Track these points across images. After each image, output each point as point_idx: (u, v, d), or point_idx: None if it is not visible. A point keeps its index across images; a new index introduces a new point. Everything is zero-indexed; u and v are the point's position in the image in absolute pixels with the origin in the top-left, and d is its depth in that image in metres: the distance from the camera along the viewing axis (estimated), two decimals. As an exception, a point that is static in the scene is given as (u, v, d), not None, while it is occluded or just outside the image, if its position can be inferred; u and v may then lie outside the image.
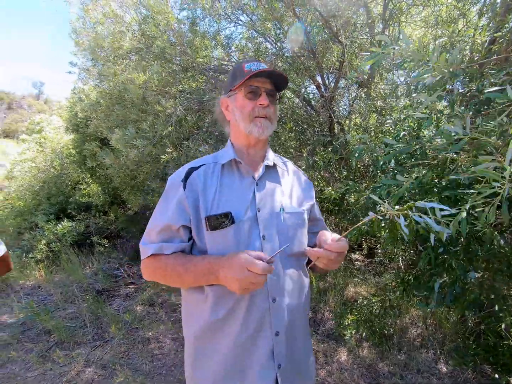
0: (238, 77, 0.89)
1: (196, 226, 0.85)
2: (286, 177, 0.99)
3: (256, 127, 0.88)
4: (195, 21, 2.98)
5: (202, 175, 0.89)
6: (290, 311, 0.86)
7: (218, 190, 0.87)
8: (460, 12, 2.73)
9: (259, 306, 0.82)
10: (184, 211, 0.85)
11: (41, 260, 4.22)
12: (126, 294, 3.50)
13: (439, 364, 2.06)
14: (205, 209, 0.84)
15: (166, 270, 0.84)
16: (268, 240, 0.85)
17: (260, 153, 0.96)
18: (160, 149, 2.74)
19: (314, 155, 2.97)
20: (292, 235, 0.89)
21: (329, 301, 2.87)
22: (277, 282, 0.85)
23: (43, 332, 2.72)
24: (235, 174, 0.91)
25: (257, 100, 0.88)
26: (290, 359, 0.86)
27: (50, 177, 5.67)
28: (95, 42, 2.85)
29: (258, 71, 0.85)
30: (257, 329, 0.82)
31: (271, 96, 0.90)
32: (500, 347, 1.69)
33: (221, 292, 0.82)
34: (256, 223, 0.85)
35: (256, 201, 0.87)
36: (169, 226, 0.85)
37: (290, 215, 0.91)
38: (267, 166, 0.94)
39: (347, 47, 2.99)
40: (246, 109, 0.88)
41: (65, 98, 5.83)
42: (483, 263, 1.70)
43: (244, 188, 0.89)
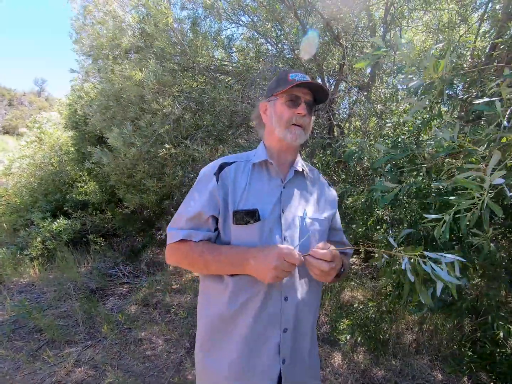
0: (282, 84, 0.93)
1: (224, 219, 0.90)
2: (312, 184, 1.03)
3: (290, 133, 0.93)
4: (196, 21, 2.98)
5: (234, 171, 0.93)
6: (300, 310, 0.90)
7: (247, 187, 0.91)
8: (462, 18, 2.73)
9: (272, 304, 0.87)
10: (215, 202, 0.90)
11: (35, 258, 4.18)
12: (120, 293, 3.47)
13: (434, 371, 2.04)
14: (233, 203, 0.89)
15: (193, 256, 0.87)
16: (289, 241, 0.89)
17: (290, 158, 1.00)
18: (158, 147, 2.73)
19: (313, 158, 2.96)
20: (312, 240, 0.93)
21: (325, 304, 2.85)
22: (291, 282, 0.89)
23: (34, 331, 2.69)
24: (264, 175, 0.96)
25: (296, 108, 0.92)
26: (295, 356, 0.90)
27: (48, 174, 5.64)
28: (95, 40, 2.85)
29: (301, 81, 0.90)
30: (268, 324, 0.87)
31: (309, 107, 0.95)
32: (497, 355, 1.67)
33: (240, 283, 0.86)
34: (279, 224, 0.90)
35: (282, 203, 0.92)
36: (200, 215, 0.89)
37: (312, 220, 0.95)
38: (296, 171, 0.99)
39: (347, 50, 2.99)
40: (284, 115, 0.93)
41: (65, 96, 5.81)
42: (480, 270, 1.68)
43: (271, 189, 0.93)
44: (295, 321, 0.89)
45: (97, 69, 3.14)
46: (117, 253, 4.61)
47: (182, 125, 2.72)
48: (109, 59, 2.70)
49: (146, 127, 2.48)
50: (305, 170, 1.02)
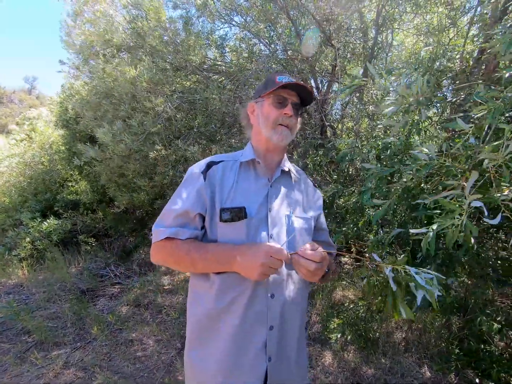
0: (269, 86, 0.95)
1: (210, 217, 0.90)
2: (298, 184, 1.05)
3: (276, 134, 0.94)
4: (189, 20, 2.96)
5: (221, 170, 0.94)
6: (286, 308, 0.91)
7: (234, 186, 0.92)
8: (451, 21, 2.78)
9: (258, 301, 0.87)
10: (202, 200, 0.90)
11: (24, 258, 4.10)
12: (111, 294, 3.43)
13: (423, 369, 2.07)
14: (220, 201, 0.90)
15: (179, 254, 0.87)
16: (275, 239, 0.90)
17: (277, 158, 1.02)
18: (149, 147, 2.71)
19: (305, 158, 2.98)
20: (298, 238, 0.94)
21: (316, 304, 2.86)
22: (277, 280, 0.89)
23: (22, 332, 2.64)
24: (251, 174, 0.97)
25: (283, 109, 0.94)
26: (281, 354, 0.90)
27: (38, 173, 5.54)
28: (86, 39, 2.81)
29: (287, 82, 0.91)
30: (255, 322, 0.87)
31: (295, 108, 0.96)
32: (481, 352, 1.71)
33: (227, 281, 0.87)
34: (266, 222, 0.90)
35: (268, 201, 0.93)
36: (187, 212, 0.89)
37: (298, 219, 0.97)
38: (283, 171, 1.00)
39: (340, 52, 3.01)
40: (271, 116, 0.95)
41: (56, 94, 5.73)
42: (468, 269, 1.71)
43: (258, 188, 0.95)
44: (282, 319, 0.90)
45: (88, 67, 3.11)
46: (109, 254, 4.56)
47: (174, 124, 2.71)
48: (100, 57, 2.67)
49: (138, 126, 2.46)
50: (292, 170, 1.04)
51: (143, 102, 2.40)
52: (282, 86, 0.92)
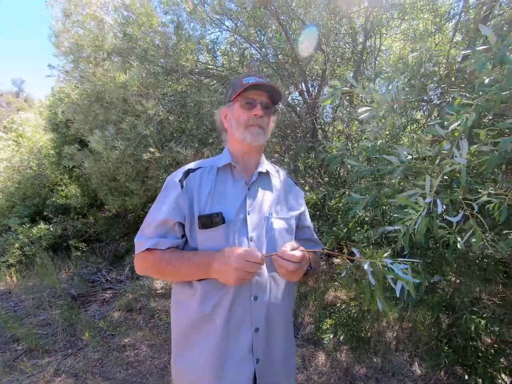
0: (237, 89, 0.96)
1: (190, 225, 0.91)
2: (278, 184, 1.05)
3: (249, 134, 0.95)
4: (180, 24, 2.98)
5: (199, 176, 0.95)
6: (271, 310, 0.91)
7: (212, 192, 0.93)
8: (437, 27, 2.86)
9: (242, 303, 0.88)
10: (180, 208, 0.91)
11: (13, 265, 4.02)
12: (103, 299, 3.39)
13: (413, 367, 2.11)
14: (198, 208, 0.90)
15: (160, 264, 0.88)
16: (255, 242, 0.91)
17: (254, 160, 1.02)
18: (142, 150, 2.70)
19: (297, 161, 3.01)
20: (279, 239, 0.95)
21: (309, 305, 2.88)
22: (260, 282, 0.90)
23: (11, 340, 2.59)
24: (229, 178, 0.97)
25: (252, 110, 0.95)
26: (268, 356, 0.91)
27: (27, 178, 5.45)
28: (76, 43, 2.80)
29: (252, 83, 0.92)
30: (239, 324, 0.88)
31: (266, 108, 0.97)
32: (469, 349, 1.75)
33: (208, 287, 0.88)
34: (245, 225, 0.91)
35: (247, 204, 0.94)
36: (166, 222, 0.90)
37: (278, 220, 0.97)
38: (260, 172, 1.00)
39: (329, 56, 3.07)
40: (241, 118, 0.95)
41: (45, 97, 5.65)
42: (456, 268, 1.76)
43: (236, 191, 0.95)
44: (267, 320, 0.91)
45: (77, 71, 3.08)
46: (100, 258, 4.51)
47: (166, 128, 2.71)
48: (90, 61, 2.66)
49: (130, 129, 2.46)
50: (270, 171, 1.05)
51: (135, 106, 2.39)
52: (250, 87, 0.93)
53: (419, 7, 2.77)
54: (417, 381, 1.99)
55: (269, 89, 0.96)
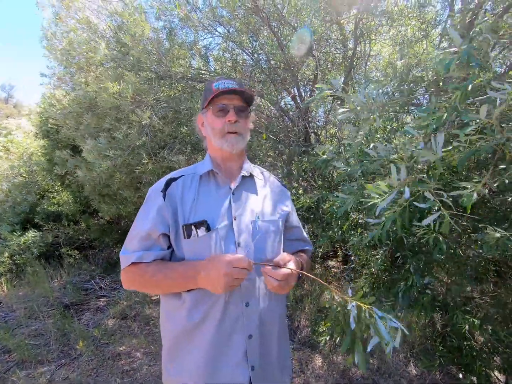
0: (208, 95, 0.94)
1: (175, 235, 0.89)
2: (263, 186, 1.04)
3: (227, 143, 0.93)
4: (172, 30, 2.99)
5: (181, 185, 0.93)
6: (264, 315, 0.90)
7: (195, 200, 0.91)
8: (424, 33, 2.94)
9: (233, 310, 0.87)
10: (164, 219, 0.89)
11: (3, 274, 3.94)
12: (97, 307, 3.34)
13: (409, 367, 2.13)
14: (183, 218, 0.89)
15: (145, 277, 0.87)
16: (243, 247, 0.90)
17: (237, 164, 1.01)
18: (135, 159, 2.69)
19: (290, 165, 3.04)
20: (267, 242, 0.94)
21: (305, 308, 2.89)
22: (251, 287, 0.89)
23: (2, 352, 2.52)
24: (212, 185, 0.96)
25: (226, 117, 0.92)
26: (264, 362, 0.90)
27: (16, 185, 5.36)
28: (68, 48, 2.78)
29: (220, 90, 0.90)
30: (231, 332, 0.87)
31: (240, 111, 0.95)
32: (463, 348, 1.78)
33: (197, 297, 0.86)
34: (232, 231, 0.90)
35: (232, 210, 0.92)
36: (150, 234, 0.89)
37: (265, 223, 0.96)
38: (243, 176, 0.99)
39: (320, 61, 3.12)
40: (216, 126, 0.94)
41: (36, 104, 5.59)
42: (446, 268, 1.80)
43: (220, 198, 0.93)
44: (260, 326, 0.89)
45: (69, 76, 3.07)
46: (93, 266, 4.45)
47: (159, 136, 2.71)
48: (83, 68, 2.65)
49: (123, 138, 2.45)
50: (254, 173, 1.03)
51: (128, 114, 2.39)
52: (220, 93, 0.90)
53: (406, 14, 2.85)
54: (413, 381, 2.01)
55: (239, 93, 0.93)
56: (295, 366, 2.20)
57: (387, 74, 2.48)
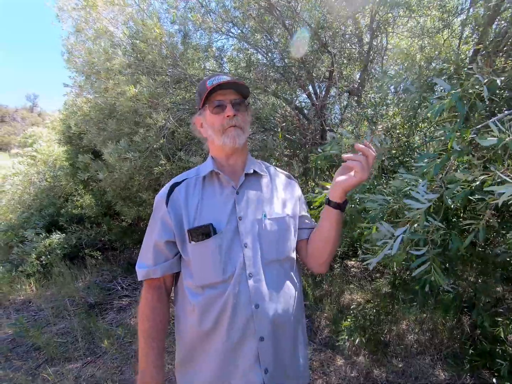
0: (202, 94, 0.93)
1: (181, 240, 0.89)
2: (268, 182, 1.01)
3: (227, 138, 0.91)
4: (187, 34, 3.04)
5: (184, 189, 0.93)
6: (276, 316, 0.87)
7: (200, 203, 0.90)
8: (445, 23, 2.82)
9: (242, 313, 0.85)
10: (167, 226, 0.90)
11: (31, 274, 4.13)
12: (119, 307, 3.43)
13: (437, 370, 2.05)
14: (187, 222, 0.88)
15: (143, 316, 0.94)
16: (250, 247, 0.88)
17: (240, 161, 0.99)
18: (153, 161, 2.75)
19: (307, 163, 3.00)
20: (275, 241, 0.91)
21: (325, 309, 2.85)
22: (259, 288, 0.86)
23: (32, 349, 2.64)
24: (215, 186, 0.94)
25: (223, 113, 0.91)
26: (278, 364, 0.87)
27: (42, 189, 5.61)
28: (88, 58, 2.88)
29: (215, 84, 0.89)
30: (242, 335, 0.85)
31: (237, 105, 0.93)
32: (495, 352, 1.68)
33: (205, 303, 0.86)
34: (237, 232, 0.88)
35: (237, 210, 0.90)
36: (157, 244, 0.90)
37: (273, 221, 0.93)
38: (247, 174, 0.96)
39: (336, 57, 3.06)
40: (215, 124, 0.92)
41: (58, 111, 5.82)
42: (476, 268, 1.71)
43: (224, 199, 0.92)
44: (273, 328, 0.87)
45: (89, 85, 3.17)
46: (115, 266, 4.58)
47: (176, 137, 2.75)
48: (101, 76, 2.73)
49: (141, 141, 2.51)
50: (258, 169, 1.00)
51: (145, 118, 2.44)
52: (214, 89, 0.89)
53: (425, 3, 2.74)
54: (441, 386, 1.93)
55: (233, 85, 0.92)
56: (316, 368, 2.16)
57: (405, 68, 2.40)
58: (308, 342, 2.45)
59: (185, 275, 0.92)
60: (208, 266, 0.87)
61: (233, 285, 0.85)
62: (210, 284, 0.86)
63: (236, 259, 0.86)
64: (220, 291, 0.85)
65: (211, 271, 0.86)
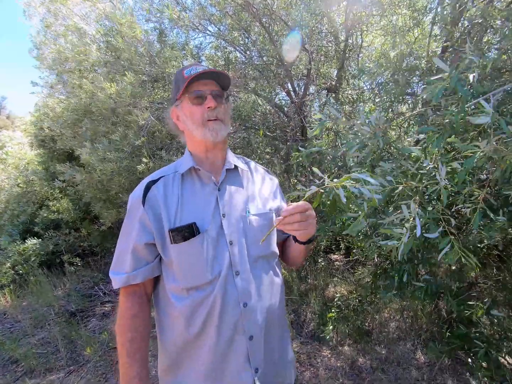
0: (181, 84, 0.87)
1: (161, 241, 0.84)
2: (249, 178, 0.98)
3: (209, 131, 0.86)
4: (163, 32, 2.98)
5: (162, 187, 0.87)
6: (264, 314, 0.86)
7: (180, 201, 0.85)
8: (415, 21, 2.94)
9: (231, 313, 0.82)
10: (146, 228, 0.84)
11: (6, 285, 3.92)
12: (102, 313, 3.34)
13: (417, 354, 2.14)
14: (168, 222, 0.83)
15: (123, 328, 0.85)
16: (236, 244, 0.85)
17: (220, 156, 0.94)
18: (135, 161, 2.68)
19: (288, 160, 3.03)
20: (259, 237, 0.87)
21: (310, 302, 2.90)
22: (247, 287, 0.84)
23: (9, 362, 2.52)
24: (196, 182, 0.89)
25: (204, 104, 0.86)
26: (268, 363, 0.86)
27: (14, 196, 5.33)
28: (59, 55, 2.76)
29: (195, 74, 0.84)
30: (231, 335, 0.82)
31: (218, 96, 0.88)
32: (472, 335, 1.77)
33: (191, 307, 0.82)
34: (222, 230, 0.85)
35: (220, 207, 0.87)
36: (136, 249, 0.84)
37: (256, 216, 0.90)
38: (228, 169, 0.92)
39: (313, 55, 3.11)
40: (195, 115, 0.87)
41: (29, 113, 5.55)
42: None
43: (206, 196, 0.88)
44: (262, 326, 0.85)
45: (62, 84, 3.05)
46: (96, 272, 4.44)
47: (157, 136, 2.71)
48: (74, 73, 2.64)
49: (121, 140, 2.44)
50: (239, 165, 0.96)
51: (124, 116, 2.38)
52: (193, 79, 0.84)
53: (396, 3, 2.84)
54: (422, 368, 2.02)
55: (215, 75, 0.87)
56: (304, 360, 2.20)
57: (380, 65, 2.48)
58: (295, 336, 2.49)
59: (167, 278, 0.86)
60: (193, 268, 0.82)
61: (220, 285, 0.81)
62: (197, 286, 0.82)
63: (223, 258, 0.83)
64: (207, 293, 0.81)
65: (197, 273, 0.82)
